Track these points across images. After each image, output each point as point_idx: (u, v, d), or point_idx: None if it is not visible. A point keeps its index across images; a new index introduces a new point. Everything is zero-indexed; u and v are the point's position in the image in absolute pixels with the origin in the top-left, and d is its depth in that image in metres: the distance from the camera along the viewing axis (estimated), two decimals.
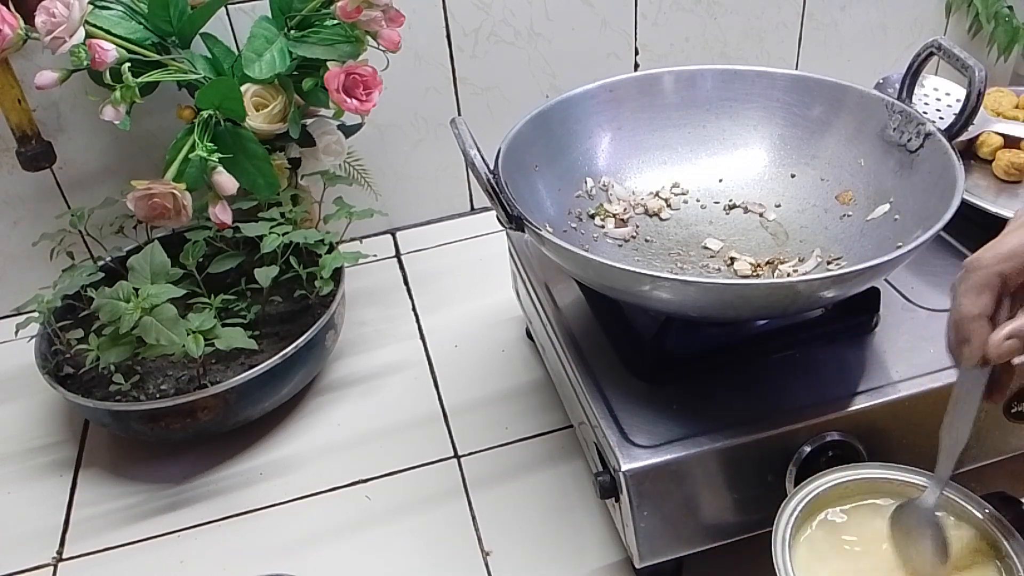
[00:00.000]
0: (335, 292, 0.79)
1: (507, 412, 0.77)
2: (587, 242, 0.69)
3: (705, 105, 0.74)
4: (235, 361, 0.75)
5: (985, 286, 0.43)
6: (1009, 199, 0.72)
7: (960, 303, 0.44)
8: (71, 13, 0.67)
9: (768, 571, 0.47)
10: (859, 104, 0.69)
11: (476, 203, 1.07)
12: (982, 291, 0.43)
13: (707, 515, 0.56)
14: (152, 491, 0.74)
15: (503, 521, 0.68)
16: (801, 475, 0.54)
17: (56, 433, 0.81)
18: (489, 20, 0.94)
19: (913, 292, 0.67)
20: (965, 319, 0.44)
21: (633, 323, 0.63)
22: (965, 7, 1.10)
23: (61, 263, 0.80)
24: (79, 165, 0.90)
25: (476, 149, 0.58)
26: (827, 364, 0.61)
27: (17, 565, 0.68)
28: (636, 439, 0.55)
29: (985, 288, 0.43)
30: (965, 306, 0.44)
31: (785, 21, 1.05)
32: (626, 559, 0.64)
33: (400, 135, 0.99)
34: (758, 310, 0.58)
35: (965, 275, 0.44)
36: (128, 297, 0.66)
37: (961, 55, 0.62)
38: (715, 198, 0.74)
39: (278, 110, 0.79)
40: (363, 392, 0.82)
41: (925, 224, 0.55)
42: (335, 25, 0.79)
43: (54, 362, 0.75)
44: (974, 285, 0.44)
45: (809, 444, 0.55)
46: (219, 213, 0.76)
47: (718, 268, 0.67)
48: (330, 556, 0.67)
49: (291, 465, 0.75)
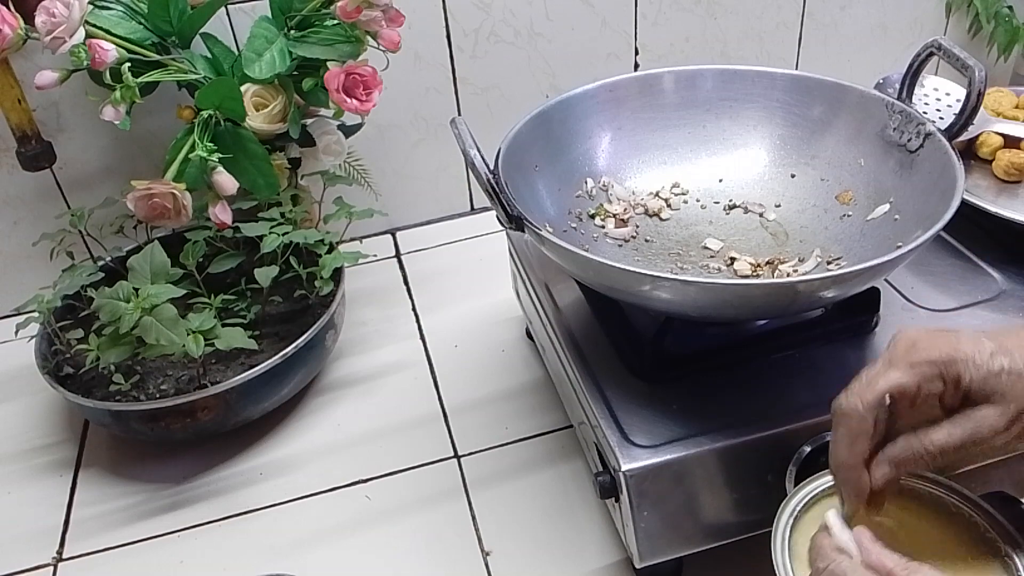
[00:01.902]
0: (335, 292, 0.79)
1: (507, 412, 0.77)
2: (587, 242, 0.69)
3: (705, 105, 0.74)
4: (235, 361, 0.75)
5: (859, 435, 0.44)
6: (1009, 199, 0.72)
7: (836, 452, 0.46)
8: (71, 13, 0.67)
9: (768, 571, 0.47)
10: (859, 104, 0.69)
11: (476, 203, 1.07)
12: (855, 440, 0.45)
13: (707, 515, 0.56)
14: (152, 491, 0.74)
15: (503, 521, 0.68)
16: (801, 475, 0.54)
17: (56, 433, 0.81)
18: (489, 20, 0.94)
19: (913, 292, 0.67)
20: (843, 467, 0.45)
21: (633, 323, 0.64)
22: (965, 7, 1.10)
23: (61, 263, 0.80)
24: (79, 165, 0.90)
25: (476, 149, 0.58)
26: (827, 364, 0.61)
27: (17, 565, 0.68)
28: (636, 439, 0.55)
29: (859, 437, 0.44)
30: (841, 455, 0.45)
31: (785, 21, 1.05)
32: (626, 559, 0.64)
33: (400, 135, 0.99)
34: (758, 310, 0.58)
35: (836, 422, 0.45)
36: (128, 297, 0.66)
37: (961, 55, 0.62)
38: (715, 198, 0.74)
39: (278, 110, 0.79)
40: (363, 392, 0.82)
41: (925, 224, 0.55)
42: (335, 25, 0.79)
43: (54, 362, 0.75)
44: (848, 434, 0.45)
45: (809, 444, 0.55)
46: (219, 213, 0.76)
47: (718, 268, 0.67)
48: (330, 556, 0.67)
49: (291, 465, 0.75)
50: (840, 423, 0.45)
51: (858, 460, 0.45)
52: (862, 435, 0.44)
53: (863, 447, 0.45)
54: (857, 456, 0.45)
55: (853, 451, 0.45)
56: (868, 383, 0.44)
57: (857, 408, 0.44)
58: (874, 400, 0.44)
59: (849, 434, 0.45)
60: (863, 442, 0.45)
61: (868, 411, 0.44)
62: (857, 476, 0.45)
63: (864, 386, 0.44)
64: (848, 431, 0.45)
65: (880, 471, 0.45)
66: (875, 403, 0.44)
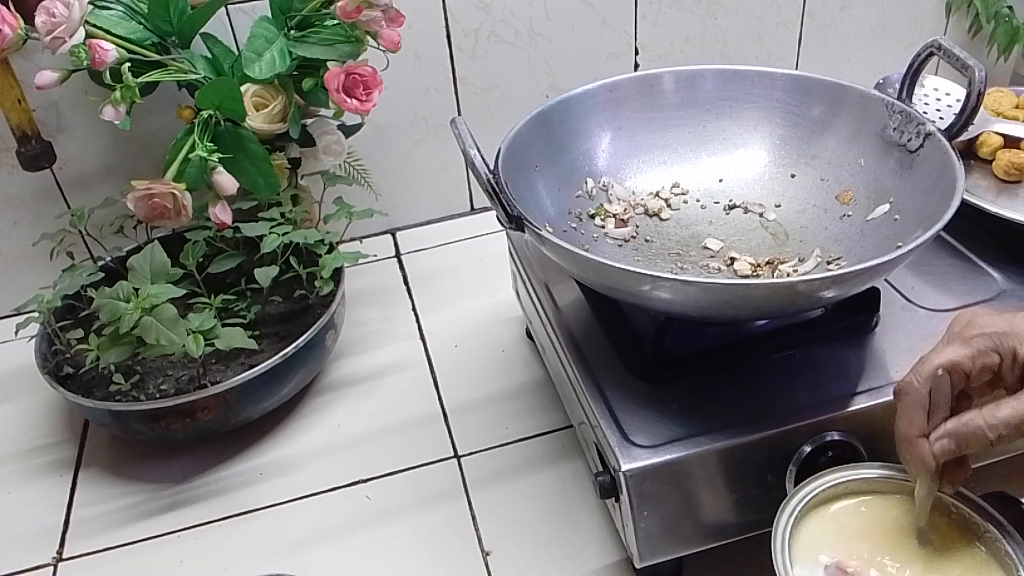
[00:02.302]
0: (335, 292, 0.79)
1: (507, 412, 0.77)
2: (587, 242, 0.69)
3: (705, 105, 0.74)
4: (235, 361, 0.75)
5: (914, 407, 0.46)
6: (1009, 199, 0.72)
7: (897, 426, 0.48)
8: (71, 13, 0.67)
9: (768, 571, 0.47)
10: (859, 104, 0.69)
11: (476, 203, 1.07)
12: (912, 413, 0.47)
13: (707, 515, 0.56)
14: (152, 491, 0.74)
15: (503, 521, 0.68)
16: (801, 475, 0.54)
17: (56, 433, 0.81)
18: (489, 20, 0.94)
19: (913, 292, 0.67)
20: (903, 440, 0.47)
21: (633, 323, 0.64)
22: (965, 7, 1.10)
23: (61, 263, 0.80)
24: (79, 165, 0.90)
25: (476, 149, 0.58)
26: (827, 364, 0.61)
27: (17, 565, 0.68)
28: (636, 439, 0.55)
29: (914, 409, 0.47)
30: (901, 429, 0.47)
31: (785, 21, 1.05)
32: (626, 559, 0.64)
33: (400, 135, 0.99)
34: (758, 310, 0.58)
35: (897, 401, 0.48)
36: (128, 297, 0.66)
37: (961, 55, 0.62)
38: (715, 198, 0.74)
39: (278, 110, 0.79)
40: (363, 392, 0.82)
41: (925, 224, 0.55)
42: (335, 25, 0.79)
43: (54, 362, 0.75)
44: (906, 409, 0.47)
45: (809, 444, 0.55)
46: (219, 213, 0.76)
47: (718, 268, 0.67)
48: (330, 556, 0.67)
49: (291, 465, 0.75)
50: (899, 399, 0.47)
51: (916, 433, 0.46)
52: (918, 407, 0.46)
53: (920, 419, 0.46)
54: (915, 429, 0.46)
55: (911, 424, 0.46)
56: (924, 360, 0.47)
57: (912, 382, 0.46)
58: (928, 373, 0.46)
59: (906, 408, 0.47)
60: (920, 414, 0.46)
61: (923, 384, 0.46)
62: (917, 449, 0.46)
63: (921, 363, 0.47)
64: (905, 406, 0.47)
65: (939, 444, 0.46)
66: (929, 375, 0.46)
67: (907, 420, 0.47)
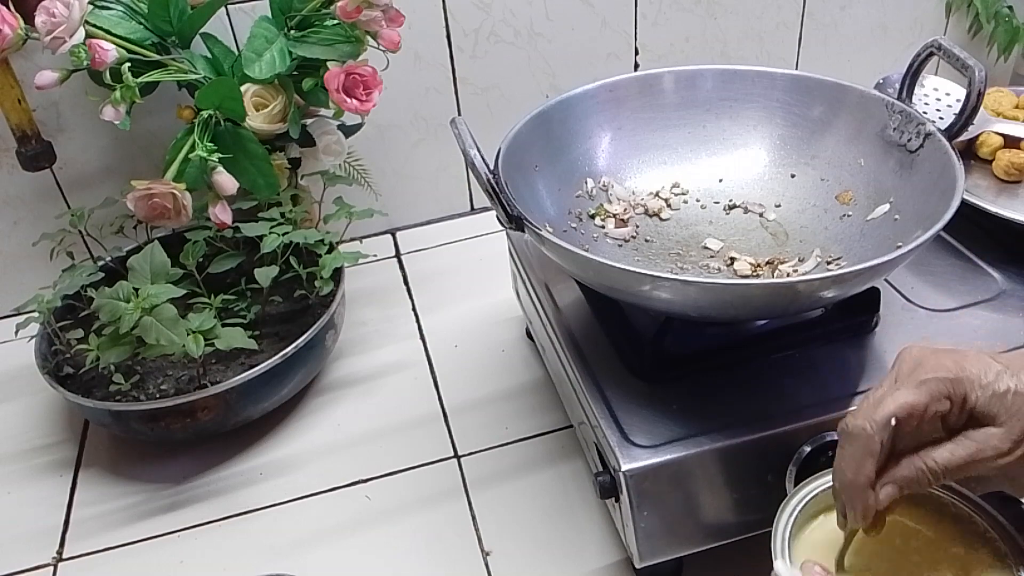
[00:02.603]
0: (335, 292, 0.79)
1: (507, 412, 0.77)
2: (587, 242, 0.69)
3: (705, 105, 0.74)
4: (235, 361, 0.75)
5: (866, 456, 0.44)
6: (1009, 199, 0.72)
7: (843, 471, 0.45)
8: (71, 13, 0.67)
9: (768, 571, 0.47)
10: (859, 104, 0.69)
11: (476, 203, 1.07)
12: (863, 461, 0.44)
13: (707, 515, 0.56)
14: (152, 491, 0.74)
15: (503, 521, 0.68)
16: (801, 475, 0.54)
17: (56, 433, 0.81)
18: (489, 20, 0.94)
19: (913, 292, 0.67)
20: (851, 487, 0.45)
21: (633, 323, 0.64)
22: (965, 7, 1.10)
23: (61, 263, 0.80)
24: (79, 165, 0.90)
25: (476, 149, 0.58)
26: (827, 364, 0.61)
27: (17, 565, 0.68)
28: (636, 439, 0.55)
29: (866, 457, 0.44)
30: (849, 475, 0.45)
31: (785, 21, 1.05)
32: (626, 559, 0.64)
33: (400, 135, 0.99)
34: (758, 310, 0.58)
35: (843, 442, 0.45)
36: (128, 297, 0.66)
37: (961, 55, 0.62)
38: (715, 198, 0.74)
39: (278, 110, 0.79)
40: (363, 392, 0.82)
41: (925, 224, 0.55)
42: (335, 25, 0.79)
43: (54, 362, 0.75)
44: (855, 455, 0.44)
45: (809, 444, 0.55)
46: (219, 213, 0.76)
47: (718, 268, 0.67)
48: (330, 556, 0.67)
49: (291, 465, 0.75)
50: (847, 443, 0.45)
51: (865, 481, 0.44)
52: (870, 456, 0.44)
53: (870, 468, 0.44)
54: (864, 477, 0.44)
55: (860, 472, 0.44)
56: (876, 404, 0.44)
57: (865, 429, 0.44)
58: (883, 420, 0.43)
59: (856, 455, 0.44)
60: (870, 463, 0.44)
61: (877, 431, 0.43)
62: (864, 497, 0.45)
63: (872, 407, 0.44)
64: (855, 452, 0.44)
65: (885, 492, 0.44)
66: (884, 423, 0.43)
67: (856, 467, 0.44)
